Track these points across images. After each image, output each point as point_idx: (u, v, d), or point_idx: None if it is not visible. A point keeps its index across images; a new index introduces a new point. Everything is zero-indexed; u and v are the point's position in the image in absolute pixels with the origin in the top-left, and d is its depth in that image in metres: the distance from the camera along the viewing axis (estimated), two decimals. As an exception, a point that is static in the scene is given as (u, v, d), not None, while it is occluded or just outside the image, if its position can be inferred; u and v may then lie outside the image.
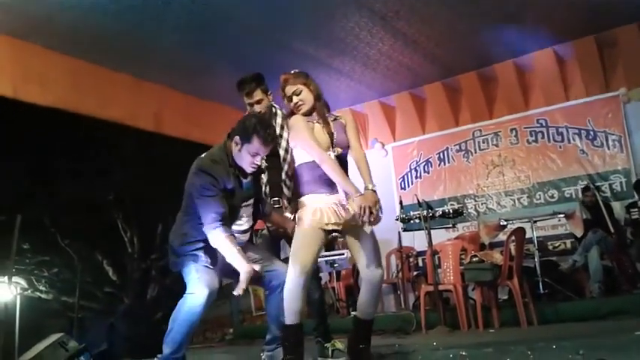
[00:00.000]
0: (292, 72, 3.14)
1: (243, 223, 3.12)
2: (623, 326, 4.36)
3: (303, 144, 2.99)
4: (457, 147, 8.02)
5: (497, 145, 7.76)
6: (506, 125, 7.72)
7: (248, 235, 3.21)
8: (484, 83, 7.95)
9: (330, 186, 2.99)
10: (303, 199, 3.01)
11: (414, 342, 4.50)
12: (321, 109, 3.10)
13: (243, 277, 2.79)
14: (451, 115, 8.22)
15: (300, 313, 2.91)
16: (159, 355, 2.84)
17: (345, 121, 3.18)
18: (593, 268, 5.97)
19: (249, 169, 3.01)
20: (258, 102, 3.58)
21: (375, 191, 2.92)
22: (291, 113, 3.13)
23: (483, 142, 7.86)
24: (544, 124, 7.45)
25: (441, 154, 8.13)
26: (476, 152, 7.90)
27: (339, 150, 3.04)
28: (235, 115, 7.91)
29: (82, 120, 6.63)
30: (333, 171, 2.91)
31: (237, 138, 2.97)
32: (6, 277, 6.65)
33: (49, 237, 9.48)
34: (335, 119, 3.15)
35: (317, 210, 2.93)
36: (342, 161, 3.04)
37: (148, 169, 9.48)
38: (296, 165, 3.08)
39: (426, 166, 8.23)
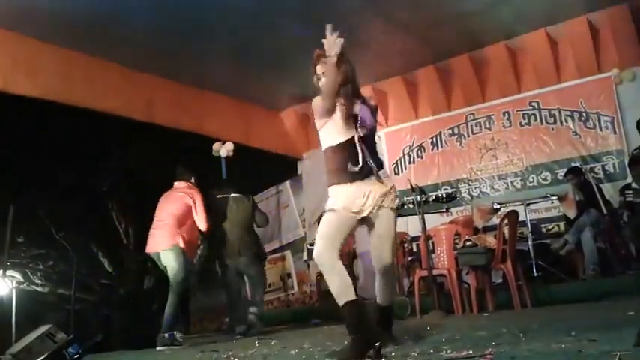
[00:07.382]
0: None
1: None
2: (615, 307, 4.39)
3: (318, 119, 2.93)
4: (450, 131, 8.01)
5: (490, 129, 7.74)
6: (499, 108, 7.70)
7: None
8: (476, 66, 7.91)
9: (355, 174, 2.87)
10: (329, 190, 2.95)
11: (408, 326, 4.51)
12: (346, 92, 2.93)
13: None
14: (444, 99, 8.19)
15: (349, 287, 2.75)
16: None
17: (373, 104, 3.11)
18: (587, 250, 5.99)
19: None
20: None
21: None
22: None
23: (476, 126, 7.84)
24: (536, 107, 7.44)
25: (434, 139, 8.12)
26: (469, 136, 7.89)
27: (364, 131, 2.92)
28: (227, 103, 7.96)
29: (74, 110, 6.59)
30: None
31: None
32: (0, 271, 6.66)
33: (44, 229, 9.46)
34: (364, 101, 3.03)
35: (342, 199, 2.85)
36: (367, 143, 2.93)
37: (141, 159, 9.46)
38: (323, 150, 3.01)
39: (419, 152, 8.21)
